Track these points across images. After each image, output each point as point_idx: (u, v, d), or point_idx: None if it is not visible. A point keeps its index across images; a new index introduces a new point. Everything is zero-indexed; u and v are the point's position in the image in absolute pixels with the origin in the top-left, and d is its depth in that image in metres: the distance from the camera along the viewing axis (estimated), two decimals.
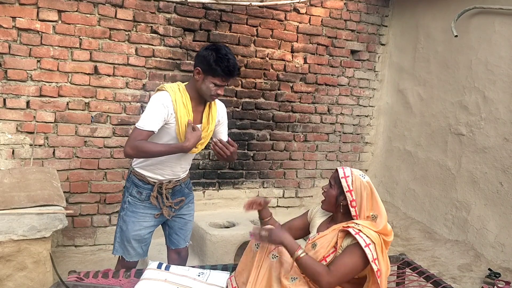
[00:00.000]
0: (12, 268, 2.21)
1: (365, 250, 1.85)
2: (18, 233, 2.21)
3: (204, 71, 2.26)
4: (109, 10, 3.46)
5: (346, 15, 4.43)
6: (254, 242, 2.10)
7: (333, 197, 2.07)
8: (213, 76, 2.24)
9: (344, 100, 4.58)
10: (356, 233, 1.89)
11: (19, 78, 3.26)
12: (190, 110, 2.32)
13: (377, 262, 1.88)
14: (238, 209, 4.15)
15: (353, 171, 2.08)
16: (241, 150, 4.14)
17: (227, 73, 2.24)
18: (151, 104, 2.26)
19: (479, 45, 3.76)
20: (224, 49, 2.28)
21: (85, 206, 3.59)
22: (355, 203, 2.01)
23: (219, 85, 2.28)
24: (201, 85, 2.29)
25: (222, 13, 3.86)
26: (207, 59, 2.23)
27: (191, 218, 2.66)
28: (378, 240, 1.92)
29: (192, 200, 2.67)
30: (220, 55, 2.22)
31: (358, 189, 2.02)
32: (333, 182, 2.09)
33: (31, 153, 3.34)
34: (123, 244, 2.47)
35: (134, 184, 2.43)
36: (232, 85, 4.00)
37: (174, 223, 2.60)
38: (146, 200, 2.44)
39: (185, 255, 2.69)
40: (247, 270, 2.08)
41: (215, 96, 2.31)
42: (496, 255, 3.49)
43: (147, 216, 2.46)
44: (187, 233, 2.66)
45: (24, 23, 3.21)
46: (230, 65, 2.23)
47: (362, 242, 1.86)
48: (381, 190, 4.76)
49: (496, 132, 3.61)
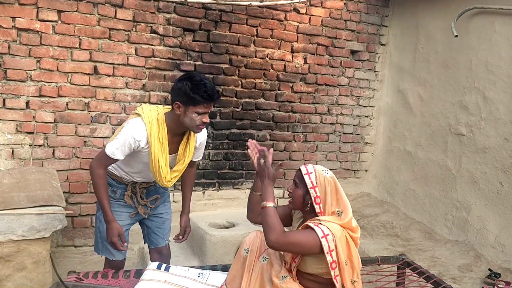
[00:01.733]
0: (12, 269, 2.21)
1: (322, 240, 1.85)
2: (18, 233, 2.20)
3: (184, 103, 2.19)
4: (108, 10, 3.45)
5: (346, 15, 4.43)
6: (244, 247, 2.12)
7: (300, 197, 2.03)
8: (194, 105, 2.18)
9: (344, 100, 4.58)
10: (315, 225, 1.90)
11: (19, 78, 3.25)
12: (165, 144, 2.28)
13: (333, 254, 1.86)
14: (238, 209, 4.15)
15: (316, 168, 2.04)
16: (241, 151, 4.13)
17: (207, 98, 2.18)
18: (124, 134, 2.23)
19: (479, 45, 3.76)
20: (198, 76, 2.23)
21: (84, 207, 3.58)
22: (319, 199, 1.98)
23: (202, 113, 2.21)
24: (184, 118, 2.22)
25: (222, 13, 3.86)
26: (183, 90, 2.17)
27: (168, 216, 2.67)
28: (340, 233, 1.90)
29: (168, 199, 2.69)
30: (195, 83, 2.17)
31: (322, 184, 1.99)
32: (298, 181, 2.04)
33: (30, 153, 3.34)
34: (103, 244, 2.48)
35: (108, 184, 2.41)
36: (232, 85, 4.00)
37: (151, 223, 2.62)
38: (121, 199, 2.45)
39: (167, 253, 2.71)
40: (239, 276, 2.10)
41: (202, 126, 2.24)
42: (496, 255, 3.49)
43: (122, 215, 2.47)
44: (166, 232, 2.68)
45: (24, 23, 3.21)
46: (208, 89, 2.17)
47: (320, 232, 1.86)
48: (381, 190, 4.76)
49: (496, 132, 3.61)
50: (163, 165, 2.29)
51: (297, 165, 4.43)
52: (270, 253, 2.08)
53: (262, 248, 2.09)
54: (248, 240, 2.13)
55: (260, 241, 2.11)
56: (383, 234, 4.07)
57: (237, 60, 3.99)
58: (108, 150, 2.22)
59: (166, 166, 2.31)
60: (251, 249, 2.08)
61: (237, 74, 4.01)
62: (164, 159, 2.29)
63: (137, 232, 2.96)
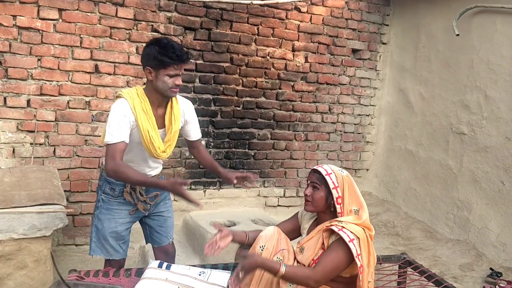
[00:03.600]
0: (13, 267, 2.21)
1: (349, 245, 1.84)
2: (19, 232, 2.20)
3: (154, 67, 2.20)
4: (109, 8, 3.45)
5: (347, 14, 4.42)
6: (259, 244, 2.07)
7: (323, 199, 2.02)
8: (164, 68, 2.18)
9: (345, 99, 4.57)
10: (340, 229, 1.88)
11: (20, 76, 3.25)
12: (151, 115, 2.27)
13: (360, 258, 1.86)
14: (239, 208, 4.15)
15: (332, 167, 2.04)
16: (241, 149, 4.13)
17: (175, 59, 2.18)
18: (112, 116, 2.21)
19: (480, 44, 3.75)
20: (165, 39, 2.26)
21: (85, 205, 3.58)
22: (341, 199, 1.98)
23: (174, 75, 2.22)
24: (157, 83, 2.23)
25: (223, 11, 3.85)
26: (152, 54, 2.18)
27: (169, 214, 2.64)
28: (362, 234, 1.90)
29: (169, 197, 2.64)
30: (163, 45, 2.19)
31: (341, 184, 1.99)
32: (319, 183, 2.03)
33: (31, 152, 3.34)
34: (100, 242, 2.43)
35: (106, 181, 2.40)
36: (233, 84, 4.00)
37: (153, 222, 2.60)
38: (120, 196, 2.41)
39: (172, 251, 2.69)
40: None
41: (175, 89, 2.25)
42: (498, 254, 3.48)
43: (122, 212, 2.44)
44: (168, 230, 2.64)
45: (25, 21, 3.20)
46: (176, 50, 2.18)
47: (345, 237, 1.85)
48: (382, 189, 4.75)
49: (497, 131, 3.60)
50: (154, 135, 2.27)
51: (298, 164, 4.43)
52: (285, 255, 2.04)
53: (278, 248, 2.04)
54: (265, 237, 2.07)
55: (276, 240, 2.06)
56: (384, 233, 4.06)
57: (238, 59, 3.99)
58: (108, 139, 2.18)
59: (157, 136, 2.29)
60: (266, 247, 2.04)
61: (238, 73, 4.01)
62: (153, 129, 2.27)
63: (137, 231, 2.96)
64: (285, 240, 2.13)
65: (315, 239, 2.01)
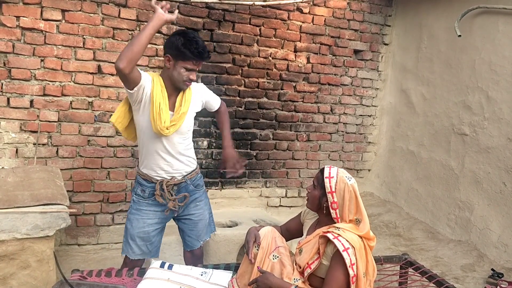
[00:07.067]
0: (16, 267, 2.22)
1: (343, 254, 1.82)
2: (22, 231, 2.22)
3: (174, 57, 2.26)
4: (112, 9, 3.46)
5: (349, 15, 4.42)
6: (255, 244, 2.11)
7: (316, 198, 2.02)
8: (183, 60, 2.25)
9: (347, 99, 4.57)
10: (335, 237, 1.86)
11: (23, 77, 3.27)
12: (165, 93, 2.32)
13: (355, 268, 1.84)
14: (241, 208, 4.16)
15: (339, 172, 2.02)
16: (243, 150, 4.14)
17: (196, 55, 2.24)
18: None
19: (482, 45, 3.75)
20: (191, 33, 2.30)
21: (88, 205, 3.60)
22: (336, 205, 1.96)
23: (190, 69, 2.28)
24: (173, 72, 2.29)
25: (225, 12, 3.86)
26: (176, 44, 2.24)
27: (200, 217, 2.62)
28: (359, 243, 1.88)
29: (200, 199, 2.61)
30: (188, 38, 2.24)
31: (341, 191, 1.96)
32: (316, 183, 2.04)
33: (34, 152, 3.35)
34: (128, 242, 2.48)
35: (138, 183, 2.48)
36: (235, 85, 4.01)
37: (184, 225, 2.61)
38: (149, 197, 2.46)
39: (198, 253, 2.69)
40: (249, 272, 2.09)
41: (188, 82, 2.31)
42: (499, 255, 3.48)
43: (151, 213, 2.48)
44: (200, 233, 2.63)
45: (28, 22, 3.22)
46: (199, 46, 2.24)
47: (340, 246, 1.83)
48: (384, 190, 4.76)
49: (499, 132, 3.60)
50: (164, 106, 2.29)
51: (299, 165, 4.44)
52: (281, 252, 2.06)
53: (273, 246, 2.07)
54: (260, 236, 2.11)
55: (271, 238, 2.09)
56: (386, 233, 4.06)
57: (240, 60, 3.99)
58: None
59: (166, 108, 2.31)
60: (261, 246, 2.06)
61: (240, 74, 4.02)
62: (164, 103, 2.30)
63: None
64: (281, 239, 2.16)
65: (311, 243, 2.01)
